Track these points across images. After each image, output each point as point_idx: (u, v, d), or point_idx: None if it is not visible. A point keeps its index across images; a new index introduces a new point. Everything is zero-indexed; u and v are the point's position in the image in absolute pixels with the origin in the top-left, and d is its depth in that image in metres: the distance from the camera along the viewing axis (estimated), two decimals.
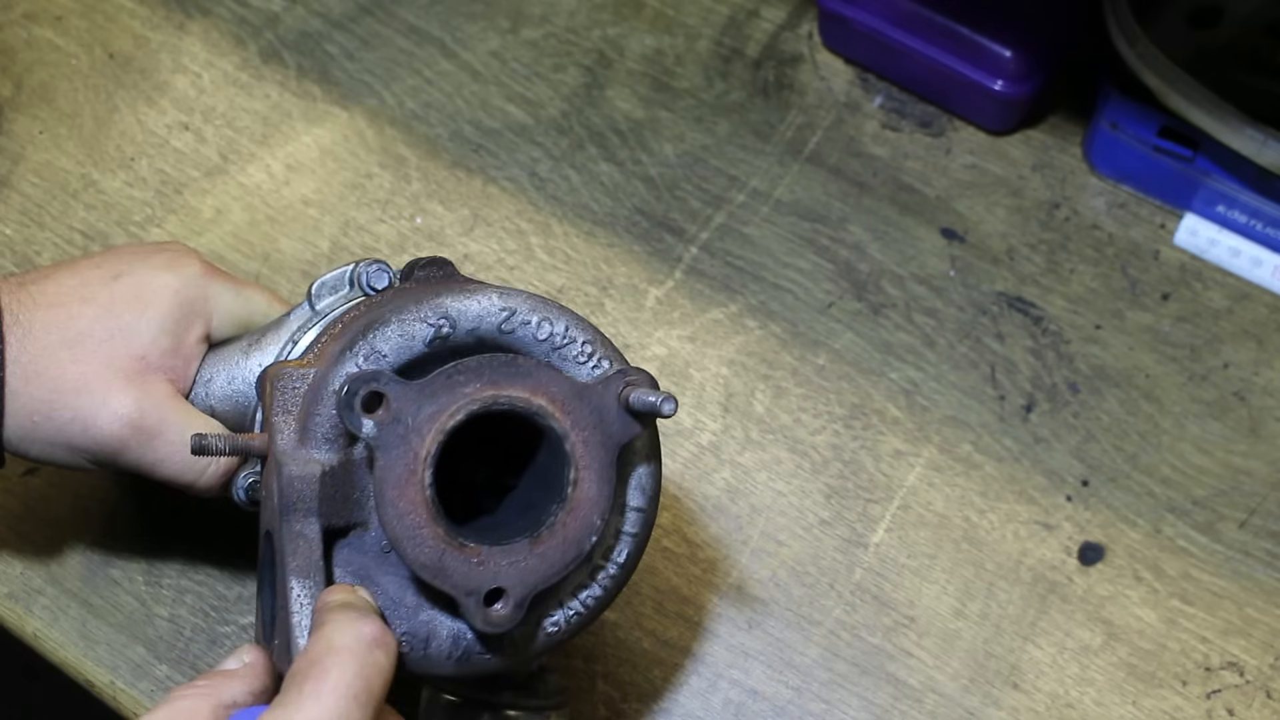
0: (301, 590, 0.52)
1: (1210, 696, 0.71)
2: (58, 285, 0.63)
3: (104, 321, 0.62)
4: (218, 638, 0.71)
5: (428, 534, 0.53)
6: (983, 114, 0.88)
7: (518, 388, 0.54)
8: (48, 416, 0.61)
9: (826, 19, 0.90)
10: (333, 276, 0.65)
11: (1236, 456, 0.77)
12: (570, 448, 0.54)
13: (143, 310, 0.62)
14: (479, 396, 0.53)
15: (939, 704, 0.70)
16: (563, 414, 0.54)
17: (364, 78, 0.90)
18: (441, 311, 0.56)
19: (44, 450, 0.62)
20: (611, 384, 0.55)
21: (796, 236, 0.84)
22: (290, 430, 0.55)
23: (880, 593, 0.73)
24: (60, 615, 0.71)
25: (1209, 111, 0.77)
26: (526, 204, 0.85)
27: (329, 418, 0.55)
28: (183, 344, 0.63)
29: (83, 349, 0.61)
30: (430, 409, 0.53)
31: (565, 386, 0.55)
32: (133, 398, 0.61)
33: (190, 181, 0.86)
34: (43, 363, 0.60)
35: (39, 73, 0.90)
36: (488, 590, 0.53)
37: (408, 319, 0.56)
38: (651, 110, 0.89)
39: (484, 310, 0.56)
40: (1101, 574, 0.74)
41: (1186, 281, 0.83)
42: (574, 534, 0.54)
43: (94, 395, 0.61)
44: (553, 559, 0.54)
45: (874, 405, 0.79)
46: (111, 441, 0.61)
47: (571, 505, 0.54)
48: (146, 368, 0.62)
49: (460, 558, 0.53)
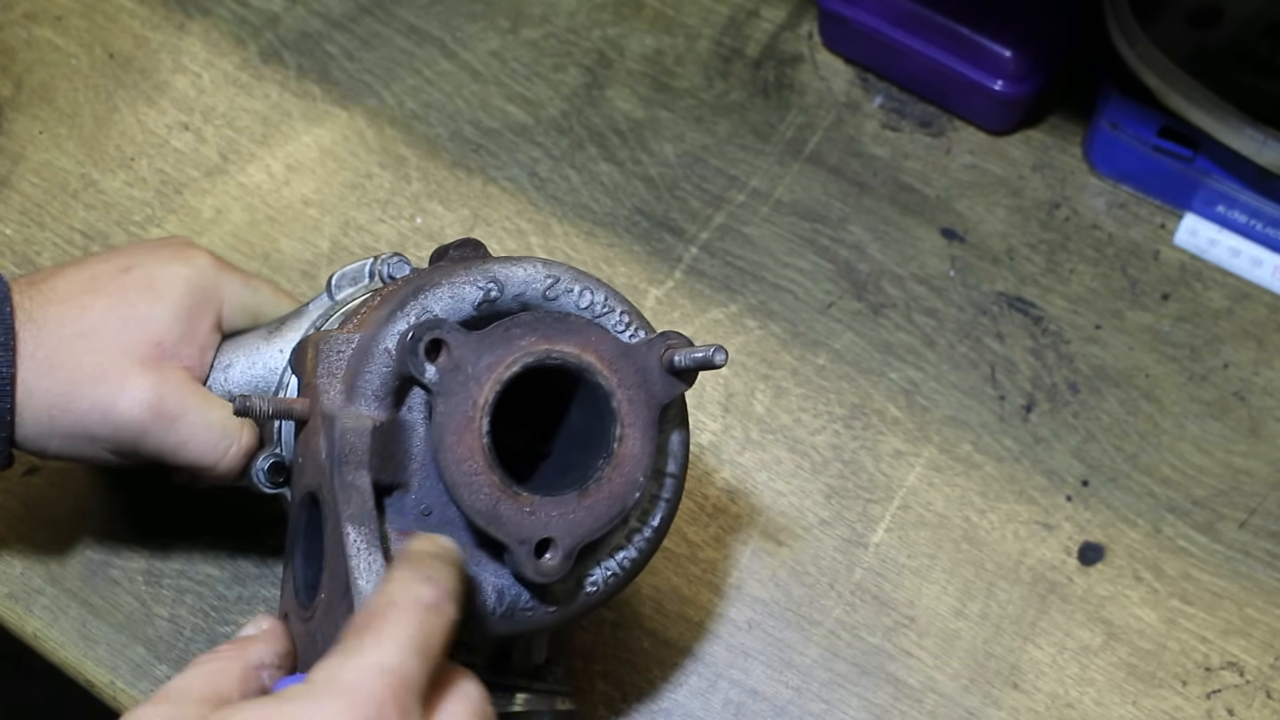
0: (358, 536, 0.53)
1: (1210, 696, 0.71)
2: (68, 281, 0.63)
3: (117, 311, 0.62)
4: (217, 638, 0.71)
5: (484, 481, 0.54)
6: (983, 114, 0.88)
7: (569, 344, 0.56)
8: (66, 409, 0.61)
9: (826, 19, 0.90)
10: (353, 268, 0.66)
11: (1236, 456, 0.77)
12: (616, 405, 0.56)
13: (156, 299, 0.63)
14: (534, 350, 0.55)
15: (939, 704, 0.70)
16: (610, 371, 0.56)
17: (364, 78, 0.90)
18: (490, 275, 0.58)
19: (63, 444, 0.62)
20: (655, 345, 0.57)
21: (796, 236, 0.84)
22: (336, 390, 0.56)
23: (880, 593, 0.73)
24: (60, 615, 0.71)
25: (1209, 111, 0.77)
26: (526, 204, 0.85)
27: (379, 375, 0.56)
28: (196, 331, 0.64)
29: (98, 339, 0.61)
30: (489, 359, 0.54)
31: (612, 346, 0.57)
32: (151, 382, 0.61)
33: (190, 181, 0.86)
34: (59, 356, 0.61)
35: (39, 73, 0.90)
36: (538, 540, 0.54)
37: (458, 281, 0.57)
38: (651, 110, 0.89)
39: (530, 276, 0.58)
40: (1101, 574, 0.74)
41: (1186, 281, 0.83)
42: (619, 489, 0.56)
43: (112, 382, 0.61)
44: (599, 512, 0.56)
45: (874, 405, 0.79)
46: (133, 426, 0.61)
47: (617, 461, 0.56)
48: (163, 354, 0.62)
49: (514, 506, 0.54)
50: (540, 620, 0.58)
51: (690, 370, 0.57)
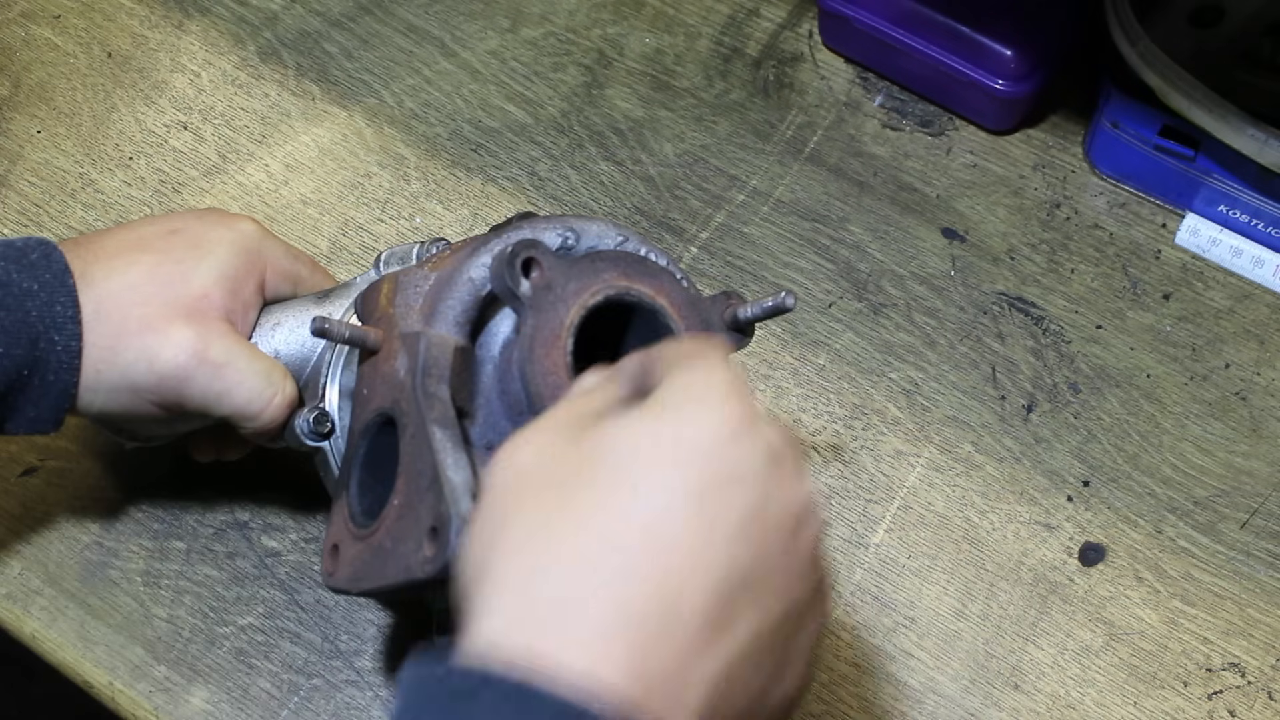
0: (444, 435, 0.55)
1: (1212, 698, 0.71)
2: (115, 240, 0.64)
3: (164, 267, 0.63)
4: (216, 638, 0.71)
5: None
6: (983, 113, 0.88)
7: (645, 284, 0.59)
8: (111, 362, 0.61)
9: (827, 18, 0.90)
10: (401, 249, 0.68)
11: (1238, 457, 0.77)
12: None
13: (202, 257, 0.64)
14: (615, 284, 0.58)
15: (939, 705, 0.70)
16: (679, 316, 0.59)
17: (363, 77, 0.90)
18: (568, 225, 0.61)
19: (108, 399, 0.62)
20: (718, 301, 0.61)
21: (797, 236, 0.84)
22: (415, 316, 0.58)
23: (880, 593, 0.73)
24: (59, 616, 0.71)
25: (1210, 111, 0.77)
26: (526, 203, 0.85)
27: (460, 303, 0.58)
28: (241, 291, 0.64)
29: (144, 291, 0.62)
30: (575, 284, 0.57)
31: (682, 293, 0.60)
32: (196, 332, 0.62)
33: (189, 181, 0.86)
34: (106, 308, 0.61)
35: (37, 72, 0.90)
36: None
37: (539, 227, 0.60)
38: (651, 110, 0.89)
39: (602, 231, 0.61)
40: (1102, 574, 0.74)
41: (1188, 281, 0.83)
42: None
43: (158, 332, 0.61)
44: None
45: (874, 405, 0.78)
46: (178, 373, 0.61)
47: None
48: (209, 307, 0.63)
49: None
50: None
51: (751, 325, 0.61)
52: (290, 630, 0.71)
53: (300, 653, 0.70)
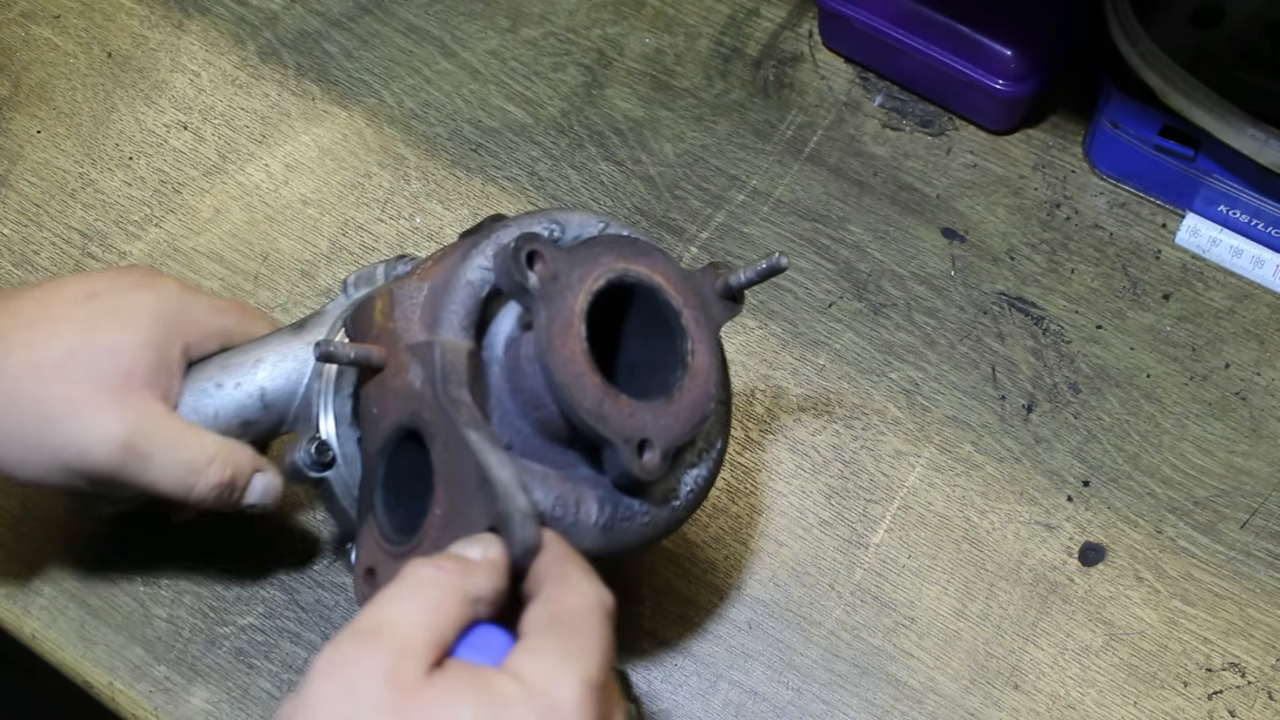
0: (479, 436, 0.54)
1: (1212, 698, 0.71)
2: (34, 304, 0.62)
3: (86, 339, 0.61)
4: (217, 638, 0.71)
5: (589, 381, 0.56)
6: (983, 113, 0.88)
7: (641, 264, 0.59)
8: (40, 443, 0.60)
9: (827, 18, 0.90)
10: (366, 270, 0.67)
11: (1238, 457, 0.77)
12: (685, 322, 0.59)
13: (124, 326, 0.62)
14: (614, 267, 0.58)
15: (939, 705, 0.70)
16: (676, 292, 0.60)
17: (363, 77, 0.90)
18: (552, 218, 0.61)
19: (37, 474, 0.61)
20: (708, 273, 0.61)
21: (797, 236, 0.84)
22: (418, 327, 0.58)
23: (881, 593, 0.73)
24: (58, 616, 0.71)
25: (1210, 111, 0.77)
26: (526, 204, 0.85)
27: (462, 307, 0.58)
28: (167, 358, 0.62)
29: (68, 368, 0.60)
30: (579, 271, 0.57)
31: (674, 269, 0.60)
32: (123, 418, 0.60)
33: (189, 181, 0.86)
34: (27, 382, 0.59)
35: (37, 71, 0.90)
36: (638, 440, 0.57)
37: (525, 222, 0.61)
38: (651, 110, 0.89)
39: (584, 220, 0.62)
40: (1102, 574, 0.74)
41: (1188, 281, 0.83)
42: (698, 398, 0.59)
43: (85, 418, 0.60)
44: (685, 417, 0.58)
45: (874, 405, 0.78)
46: (107, 464, 0.60)
47: (692, 372, 0.59)
48: (134, 384, 0.61)
49: (616, 407, 0.56)
50: (634, 534, 0.59)
51: (742, 291, 0.61)
52: (290, 630, 0.71)
53: (300, 653, 0.70)
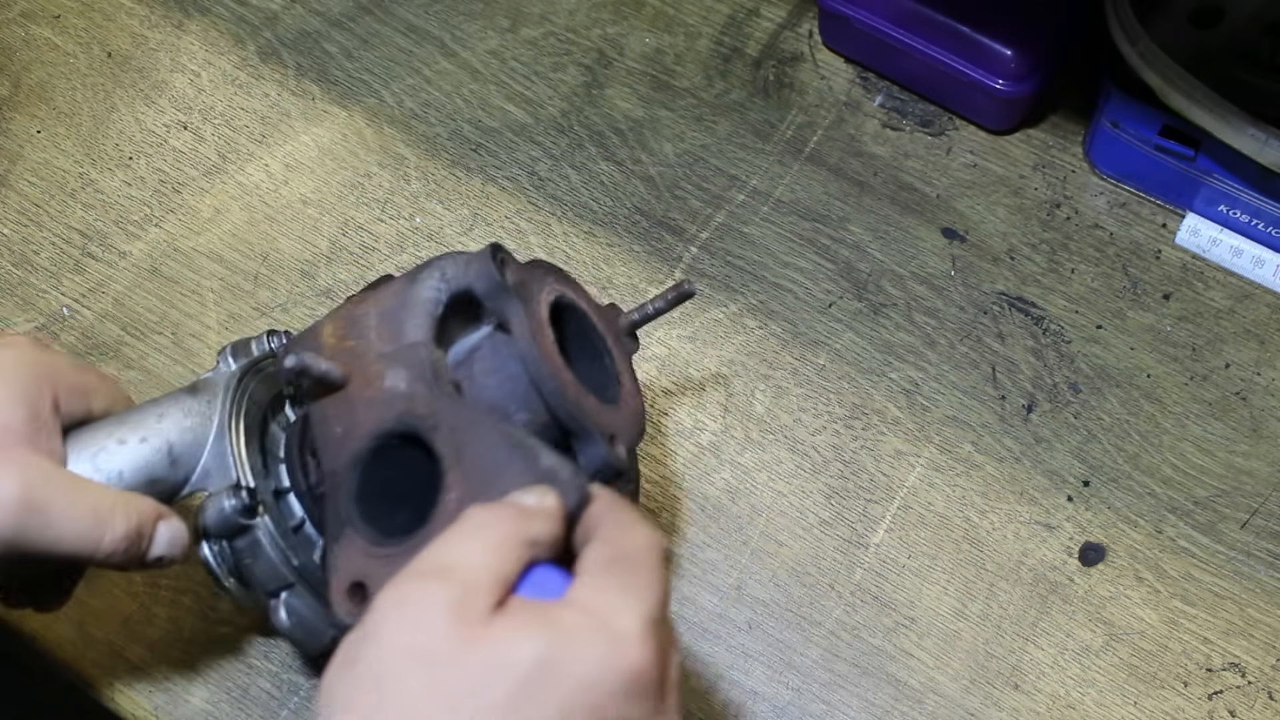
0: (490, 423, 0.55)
1: (1212, 698, 0.71)
2: None
3: None
4: (217, 638, 0.71)
5: (568, 378, 0.58)
6: (983, 113, 0.88)
7: (571, 290, 0.63)
8: None
9: (827, 18, 0.90)
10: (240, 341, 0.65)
11: (1238, 457, 0.77)
12: (610, 346, 0.63)
13: None
14: (555, 288, 0.61)
15: (939, 705, 0.70)
16: (597, 319, 0.63)
17: (363, 77, 0.90)
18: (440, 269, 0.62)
19: None
20: (614, 310, 0.65)
21: (797, 236, 0.84)
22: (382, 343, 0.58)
23: (881, 593, 0.73)
24: (58, 616, 0.71)
25: (1210, 111, 0.77)
26: (526, 203, 0.85)
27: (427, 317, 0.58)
28: (40, 413, 0.59)
29: None
30: (536, 284, 0.60)
31: (591, 302, 0.64)
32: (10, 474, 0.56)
33: (189, 181, 0.86)
34: None
35: (37, 71, 0.90)
36: (609, 434, 0.59)
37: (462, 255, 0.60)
38: (651, 109, 0.89)
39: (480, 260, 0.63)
40: (1102, 574, 0.74)
41: (1188, 281, 0.83)
42: (637, 408, 0.63)
43: None
44: (634, 420, 0.62)
45: (874, 405, 0.78)
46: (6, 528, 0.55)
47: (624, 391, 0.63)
48: (14, 440, 0.57)
49: (591, 404, 0.59)
50: None
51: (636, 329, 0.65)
52: None
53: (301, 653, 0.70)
